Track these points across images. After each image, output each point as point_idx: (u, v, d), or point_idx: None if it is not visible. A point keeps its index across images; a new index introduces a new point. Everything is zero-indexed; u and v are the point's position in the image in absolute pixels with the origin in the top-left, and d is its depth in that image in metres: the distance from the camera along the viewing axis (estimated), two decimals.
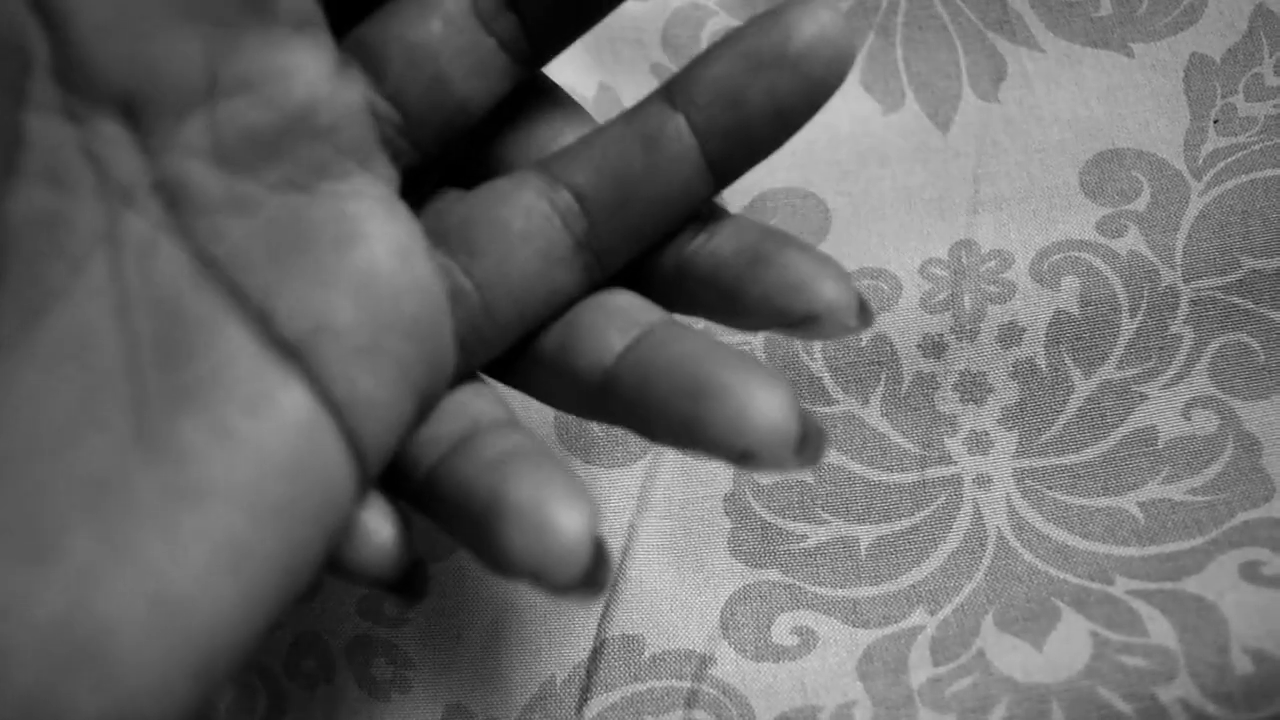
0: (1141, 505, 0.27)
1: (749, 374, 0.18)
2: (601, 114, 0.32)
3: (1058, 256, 0.30)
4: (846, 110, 0.33)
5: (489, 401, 0.21)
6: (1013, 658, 0.25)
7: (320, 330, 0.18)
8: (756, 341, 0.30)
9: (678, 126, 0.20)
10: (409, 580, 0.19)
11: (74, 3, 0.18)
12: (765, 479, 0.29)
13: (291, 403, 0.18)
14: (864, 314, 0.19)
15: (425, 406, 0.20)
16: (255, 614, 0.17)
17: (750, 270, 0.20)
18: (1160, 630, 0.25)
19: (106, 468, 0.17)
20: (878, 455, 0.29)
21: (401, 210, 0.20)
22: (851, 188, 0.32)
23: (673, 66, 0.33)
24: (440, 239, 0.20)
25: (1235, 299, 0.29)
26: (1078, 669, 0.25)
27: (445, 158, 0.21)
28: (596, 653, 0.27)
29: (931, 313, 0.30)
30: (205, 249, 0.18)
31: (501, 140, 0.22)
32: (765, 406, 0.18)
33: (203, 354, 0.18)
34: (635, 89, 0.33)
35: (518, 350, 0.21)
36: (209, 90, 0.18)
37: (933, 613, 0.27)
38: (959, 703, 0.25)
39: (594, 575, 0.18)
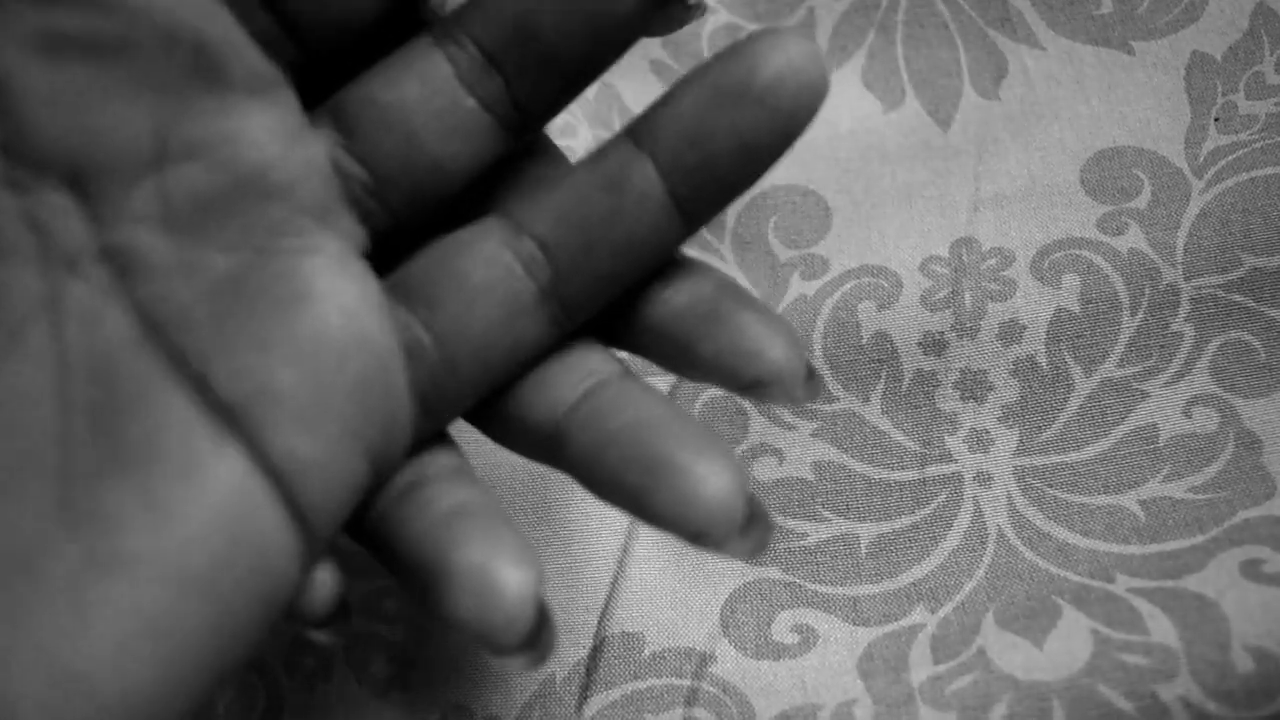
0: (1142, 503, 0.27)
1: (701, 452, 0.18)
2: (602, 111, 0.32)
3: (1058, 254, 0.30)
4: (847, 108, 0.32)
5: (442, 448, 0.20)
6: (1013, 656, 0.25)
7: (259, 393, 0.18)
8: None
9: (642, 167, 0.19)
10: (333, 618, 0.19)
11: (16, 73, 0.18)
12: (766, 476, 0.29)
13: (223, 468, 0.17)
14: (811, 384, 0.19)
15: (383, 467, 0.19)
16: (178, 688, 0.17)
17: (703, 328, 0.19)
18: (1161, 628, 0.25)
19: (23, 539, 0.16)
20: (878, 453, 0.29)
21: (357, 268, 0.19)
22: (852, 185, 0.32)
23: (673, 63, 0.33)
24: (402, 293, 0.20)
25: (1236, 297, 0.29)
26: (1078, 667, 0.25)
27: (426, 218, 0.21)
28: (596, 650, 0.27)
29: (932, 310, 0.30)
30: (150, 314, 0.18)
31: (493, 199, 0.21)
32: (715, 488, 0.18)
33: (137, 421, 0.17)
34: (635, 86, 0.33)
35: None
36: (158, 157, 0.18)
37: (933, 611, 0.26)
38: (959, 701, 0.25)
39: (537, 639, 0.18)
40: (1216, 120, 0.31)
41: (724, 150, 0.19)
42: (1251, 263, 0.29)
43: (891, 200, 0.31)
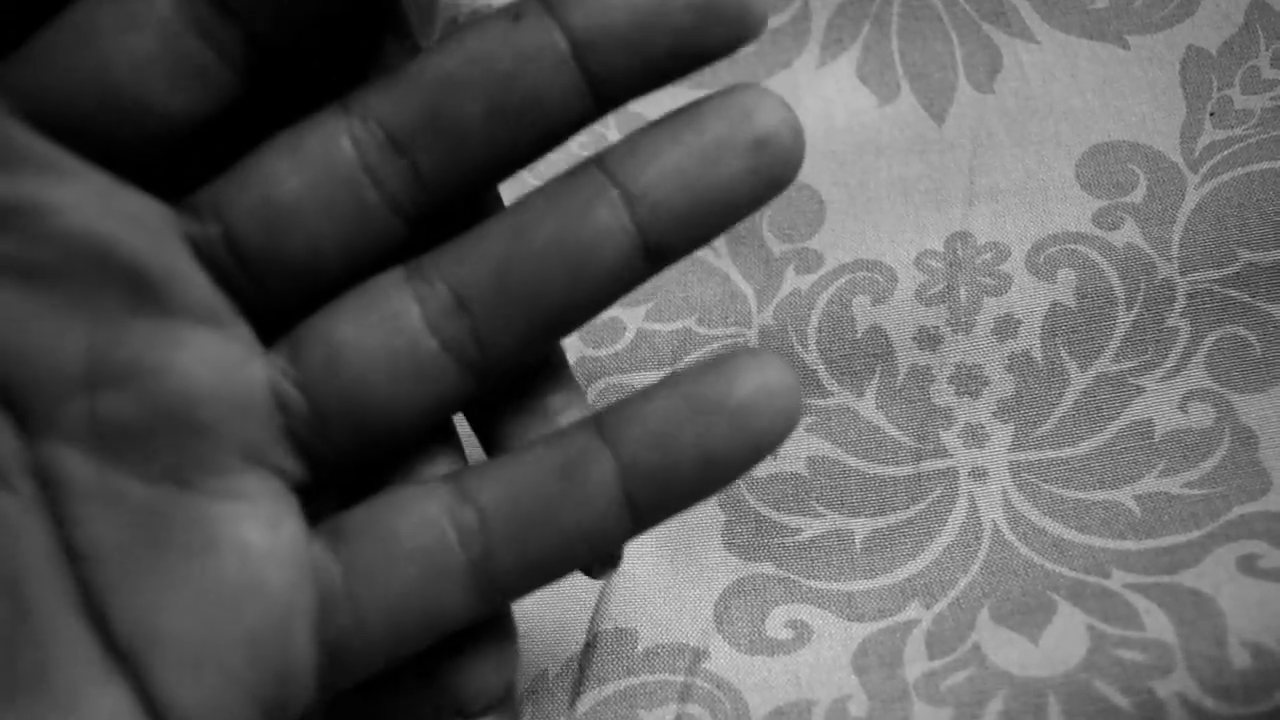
0: (1138, 498, 0.27)
1: (484, 653, 0.20)
2: None
3: (1054, 249, 0.30)
4: (842, 102, 0.32)
5: None
6: (1009, 651, 0.25)
7: (150, 636, 0.18)
8: (751, 334, 0.30)
9: (602, 459, 0.19)
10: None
11: None
12: (759, 471, 0.29)
13: (108, 707, 0.17)
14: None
15: (281, 717, 0.19)
16: None
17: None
18: (1157, 624, 0.25)
19: None
20: (872, 448, 0.29)
21: (275, 513, 0.19)
22: (847, 179, 0.31)
23: None
24: (335, 539, 0.19)
25: (1232, 292, 0.28)
26: (1074, 663, 0.24)
27: (379, 457, 0.20)
28: (589, 646, 0.27)
29: (927, 305, 0.29)
30: (67, 537, 0.18)
31: (503, 413, 0.21)
32: (484, 683, 0.20)
33: (33, 646, 0.17)
34: None
35: None
36: (90, 380, 0.18)
37: (928, 606, 0.26)
38: (955, 697, 0.24)
39: None
40: (1212, 115, 0.31)
41: (688, 459, 0.18)
42: (1247, 258, 0.29)
43: (886, 194, 0.31)
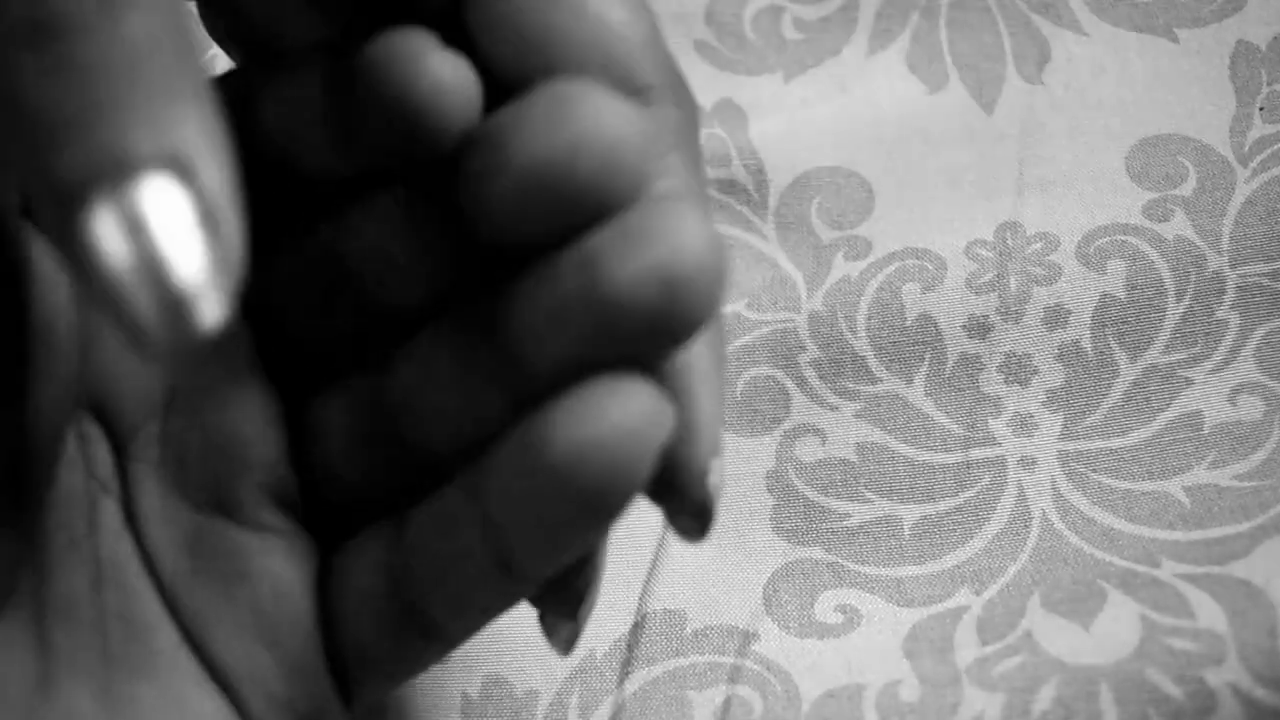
0: (1187, 490, 0.27)
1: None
2: None
3: (1104, 240, 0.29)
4: (890, 90, 0.32)
5: None
6: (1060, 639, 0.25)
7: (229, 659, 0.19)
8: (800, 319, 0.30)
9: (466, 516, 0.18)
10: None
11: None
12: (808, 457, 0.29)
13: (215, 708, 0.19)
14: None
15: None
16: None
17: None
18: (1209, 614, 0.25)
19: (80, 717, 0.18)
20: (921, 435, 0.28)
21: (302, 546, 0.20)
22: (895, 167, 0.31)
23: (717, 44, 0.33)
24: (327, 578, 0.20)
25: None
26: (1127, 651, 0.24)
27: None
28: (638, 627, 0.27)
29: (977, 293, 0.29)
30: (145, 545, 0.19)
31: None
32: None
33: (144, 640, 0.19)
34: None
35: None
36: (164, 404, 0.19)
37: (978, 593, 0.26)
38: (1007, 683, 0.24)
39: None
40: (1261, 109, 0.30)
41: (526, 520, 0.16)
42: None
43: (935, 183, 0.31)
